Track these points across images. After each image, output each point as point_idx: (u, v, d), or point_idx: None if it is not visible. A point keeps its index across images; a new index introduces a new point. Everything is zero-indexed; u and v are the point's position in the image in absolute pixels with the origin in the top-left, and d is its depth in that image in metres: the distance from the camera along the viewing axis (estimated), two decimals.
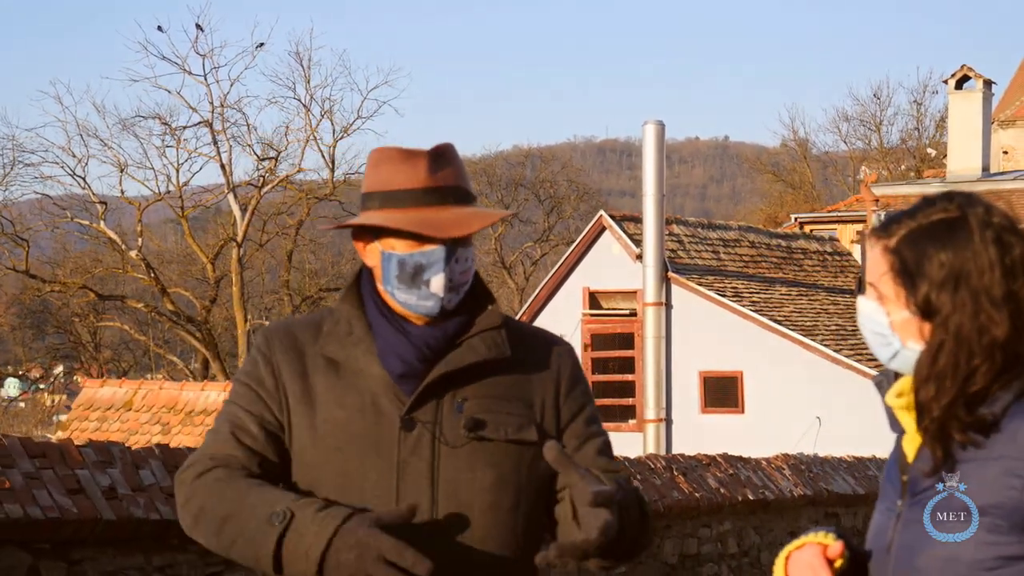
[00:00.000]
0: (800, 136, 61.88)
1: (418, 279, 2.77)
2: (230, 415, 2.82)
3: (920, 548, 2.37)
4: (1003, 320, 2.31)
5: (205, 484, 2.74)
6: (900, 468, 2.47)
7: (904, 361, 2.40)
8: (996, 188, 33.95)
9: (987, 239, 2.34)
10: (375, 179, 2.85)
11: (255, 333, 2.99)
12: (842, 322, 22.32)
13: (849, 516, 10.94)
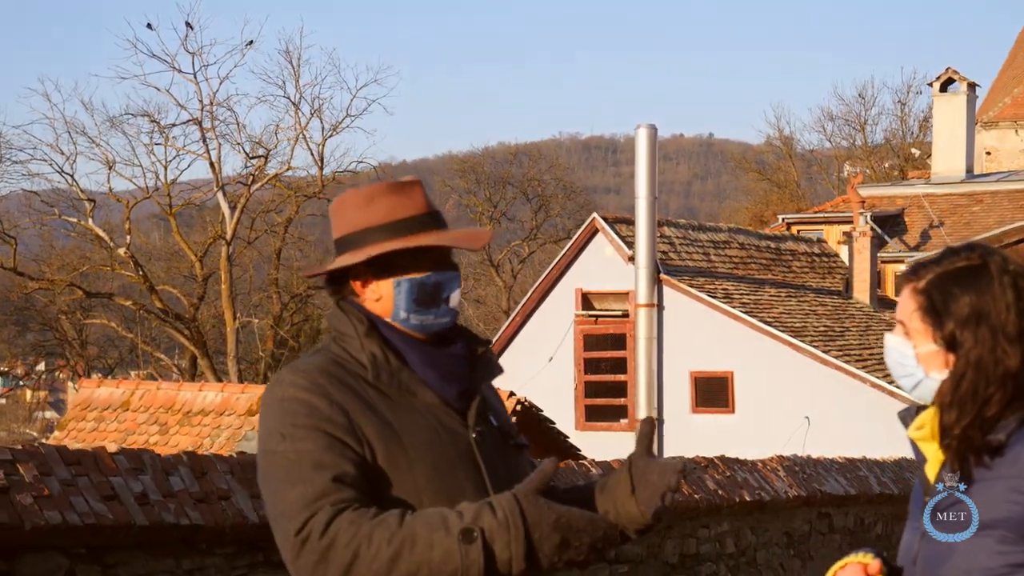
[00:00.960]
0: (785, 134, 62.08)
1: (437, 297, 2.96)
2: (314, 462, 2.77)
3: (942, 560, 2.71)
4: (1016, 354, 2.68)
5: (342, 531, 2.71)
6: (924, 491, 2.82)
7: (925, 390, 2.77)
8: (979, 190, 34.18)
9: (1005, 284, 2.73)
10: (372, 214, 2.97)
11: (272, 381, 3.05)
12: (830, 323, 22.55)
13: (841, 516, 11.16)
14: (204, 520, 5.61)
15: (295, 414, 2.83)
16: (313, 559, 2.71)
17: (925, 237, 31.52)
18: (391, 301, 2.96)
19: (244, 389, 17.48)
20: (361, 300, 3.00)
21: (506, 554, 2.67)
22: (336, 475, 2.75)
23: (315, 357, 2.97)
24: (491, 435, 3.00)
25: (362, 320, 2.96)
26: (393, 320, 2.97)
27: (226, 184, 41.30)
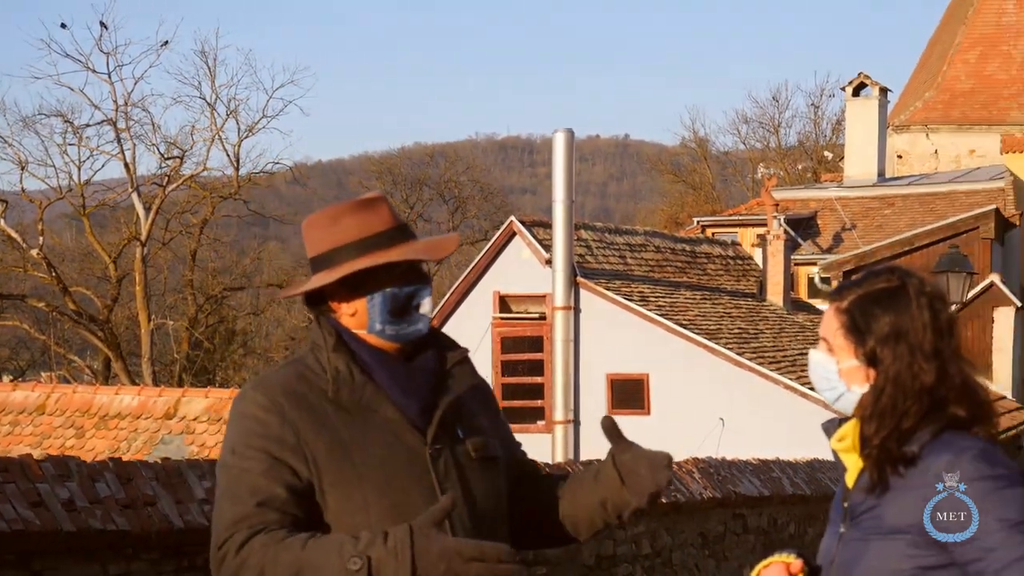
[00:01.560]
0: (700, 137, 62.66)
1: (409, 307, 3.11)
2: (250, 485, 2.95)
3: (856, 562, 2.94)
4: (932, 370, 2.92)
5: (253, 552, 2.88)
6: (843, 498, 3.04)
7: (847, 402, 3.02)
8: (891, 193, 34.71)
9: (922, 305, 2.96)
10: (340, 233, 3.13)
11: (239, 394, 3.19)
12: (745, 325, 22.81)
13: (755, 517, 11.35)
14: (130, 526, 5.68)
15: (248, 433, 3.01)
16: (228, 574, 2.91)
17: (838, 240, 31.96)
18: (366, 315, 3.10)
19: (161, 392, 17.44)
20: (338, 316, 3.15)
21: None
22: (263, 500, 2.93)
23: (284, 371, 3.13)
24: (454, 450, 3.11)
25: (331, 334, 3.10)
26: (369, 332, 3.11)
27: (141, 185, 41.04)
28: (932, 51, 48.09)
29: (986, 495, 2.82)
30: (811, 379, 3.16)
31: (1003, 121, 41.52)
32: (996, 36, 43.81)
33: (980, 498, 2.82)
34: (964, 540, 2.82)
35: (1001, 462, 2.88)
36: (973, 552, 2.82)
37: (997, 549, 2.79)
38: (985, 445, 2.90)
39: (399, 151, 77.21)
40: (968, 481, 2.83)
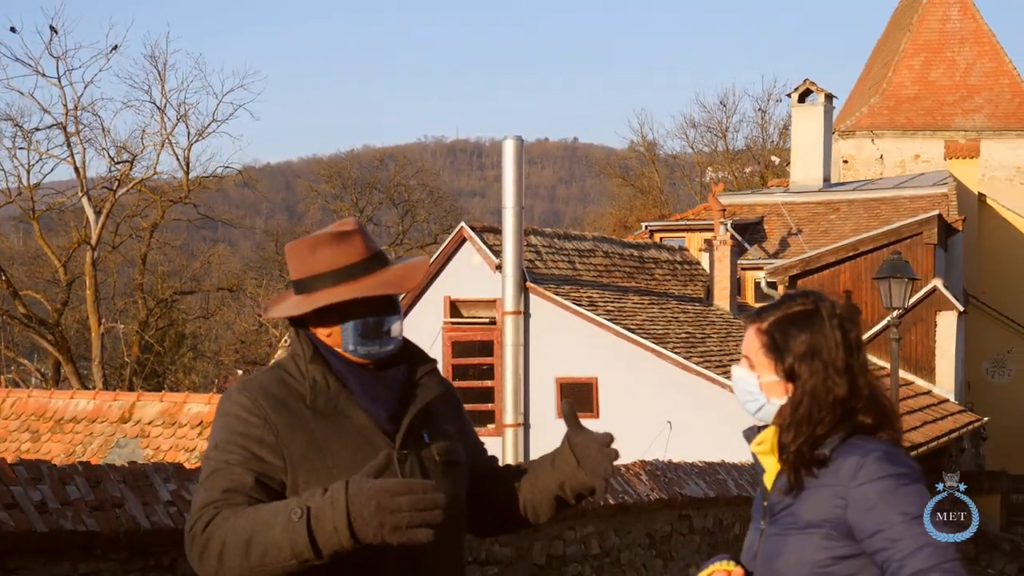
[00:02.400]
0: (649, 140, 62.96)
1: (379, 331, 3.40)
2: (225, 475, 3.26)
3: (776, 555, 3.30)
4: (843, 384, 3.29)
5: (216, 526, 3.16)
6: (763, 497, 3.43)
7: (767, 413, 3.39)
8: (836, 198, 35.11)
9: (834, 326, 3.33)
10: (316, 262, 3.42)
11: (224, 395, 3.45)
12: (692, 330, 23.07)
13: (700, 517, 11.62)
14: (99, 527, 5.88)
15: (231, 430, 3.32)
16: (198, 551, 3.20)
17: (784, 245, 32.32)
18: (339, 336, 3.41)
19: (116, 396, 17.55)
20: (315, 334, 3.45)
21: (330, 526, 3.03)
22: (232, 487, 3.24)
23: (266, 375, 3.43)
24: (420, 454, 3.42)
25: (309, 347, 3.41)
26: (343, 351, 3.41)
27: (91, 189, 40.97)
28: (877, 57, 48.59)
29: (889, 492, 3.18)
30: (734, 392, 3.52)
31: (947, 127, 42.02)
32: (940, 43, 44.34)
33: (884, 494, 3.17)
34: (871, 532, 3.17)
35: (903, 462, 3.26)
36: (880, 543, 3.17)
37: (901, 540, 3.14)
38: (888, 447, 3.28)
39: (348, 154, 77.19)
40: (873, 480, 3.18)
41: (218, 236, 73.36)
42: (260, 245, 66.71)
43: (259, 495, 3.25)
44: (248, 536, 3.12)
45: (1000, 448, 32.77)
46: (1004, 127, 42.10)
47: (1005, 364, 34.71)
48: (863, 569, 3.22)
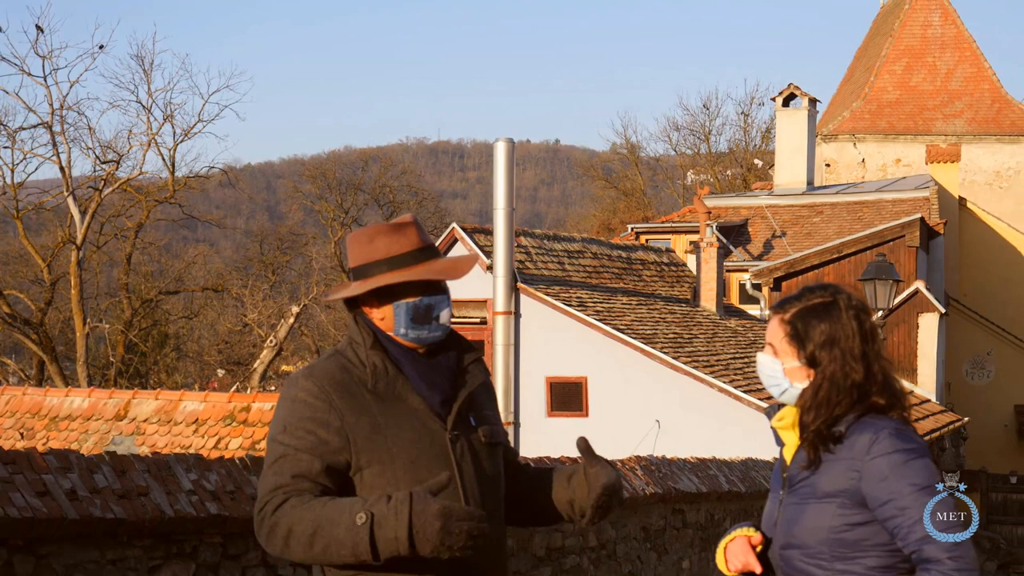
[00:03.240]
0: (632, 143, 63.16)
1: (429, 316, 3.70)
2: (293, 460, 3.55)
3: (795, 522, 3.66)
4: (860, 369, 3.65)
5: (284, 512, 3.46)
6: (783, 469, 3.78)
7: (789, 395, 3.73)
8: (820, 201, 35.42)
9: (850, 316, 3.70)
10: (374, 251, 3.72)
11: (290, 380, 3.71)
12: (679, 330, 23.32)
13: (693, 512, 11.85)
14: (126, 515, 6.07)
15: (299, 415, 3.60)
16: (266, 531, 3.51)
17: (768, 247, 32.61)
18: (392, 320, 3.70)
19: (112, 394, 17.68)
20: (370, 318, 3.73)
21: (391, 534, 3.36)
22: (301, 472, 3.53)
23: (328, 362, 3.70)
24: (467, 435, 3.71)
25: (369, 334, 3.70)
26: (395, 335, 3.70)
27: (76, 188, 41.04)
28: (859, 62, 48.93)
29: (900, 465, 3.54)
30: (760, 376, 3.85)
31: (928, 131, 42.38)
32: (922, 48, 44.69)
33: (895, 467, 3.54)
34: (883, 501, 3.54)
35: (911, 438, 3.62)
36: (890, 511, 3.53)
37: (910, 508, 3.51)
38: (899, 425, 3.64)
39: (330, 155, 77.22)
40: (885, 454, 3.55)
41: (198, 236, 73.35)
42: (240, 245, 66.79)
43: (325, 481, 3.54)
44: (314, 529, 3.42)
45: (979, 448, 33.16)
46: (984, 132, 42.47)
47: (984, 365, 35.08)
48: (874, 535, 3.57)
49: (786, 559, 3.70)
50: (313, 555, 3.45)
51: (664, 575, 11.20)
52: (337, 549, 3.41)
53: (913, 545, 3.52)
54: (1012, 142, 42.36)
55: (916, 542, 3.51)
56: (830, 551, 3.60)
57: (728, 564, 3.84)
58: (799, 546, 3.66)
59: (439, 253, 3.81)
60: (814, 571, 3.63)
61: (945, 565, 3.48)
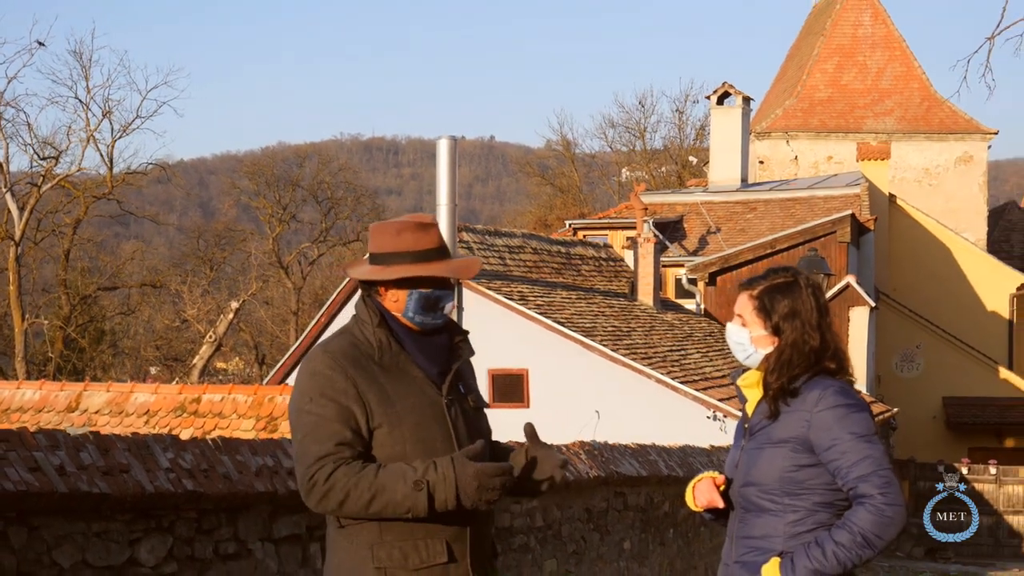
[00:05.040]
0: (568, 140, 63.48)
1: (436, 306, 4.31)
2: (329, 429, 4.11)
3: (754, 464, 4.35)
4: (817, 337, 4.37)
5: (339, 479, 4.05)
6: (744, 421, 4.47)
7: (754, 360, 4.45)
8: (753, 198, 35.95)
9: (809, 293, 4.41)
10: (401, 243, 4.28)
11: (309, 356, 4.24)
12: (618, 324, 23.78)
13: (634, 495, 12.28)
14: (111, 489, 6.46)
15: (321, 386, 4.16)
16: (318, 497, 4.09)
17: (703, 243, 33.12)
18: (404, 304, 4.28)
19: (63, 387, 17.92)
20: (381, 299, 4.32)
21: (442, 496, 4.02)
22: (341, 441, 4.12)
23: (340, 339, 4.28)
24: (459, 401, 4.32)
25: (376, 313, 4.28)
26: (403, 317, 4.29)
27: (14, 184, 41.01)
28: (792, 61, 49.61)
29: (842, 417, 4.23)
30: (729, 344, 4.53)
31: (859, 129, 43.09)
32: (852, 47, 45.42)
33: (838, 419, 4.22)
34: (827, 447, 4.22)
35: (853, 396, 4.32)
36: (833, 455, 4.22)
37: (849, 452, 4.20)
38: (843, 385, 4.35)
39: (264, 151, 77.10)
40: (830, 407, 4.23)
41: (131, 233, 73.03)
42: (173, 242, 66.61)
43: (358, 445, 4.12)
44: (372, 495, 4.03)
45: (908, 438, 33.87)
46: (913, 130, 43.25)
47: (913, 358, 35.83)
48: (818, 475, 4.26)
49: (744, 495, 4.38)
50: (368, 513, 4.06)
51: (606, 555, 11.63)
52: (394, 509, 4.03)
53: (851, 483, 4.19)
54: (940, 140, 43.17)
55: (853, 480, 4.18)
56: (781, 488, 4.28)
57: (696, 500, 4.53)
58: (756, 484, 4.33)
59: (450, 253, 4.39)
60: (768, 505, 4.32)
61: (876, 500, 4.15)
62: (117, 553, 6.54)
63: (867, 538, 4.16)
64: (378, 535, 4.15)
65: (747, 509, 4.39)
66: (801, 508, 4.28)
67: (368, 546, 4.17)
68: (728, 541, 4.52)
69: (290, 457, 7.49)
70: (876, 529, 4.15)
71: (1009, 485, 29.65)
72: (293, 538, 7.43)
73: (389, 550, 4.15)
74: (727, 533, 4.54)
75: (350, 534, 4.20)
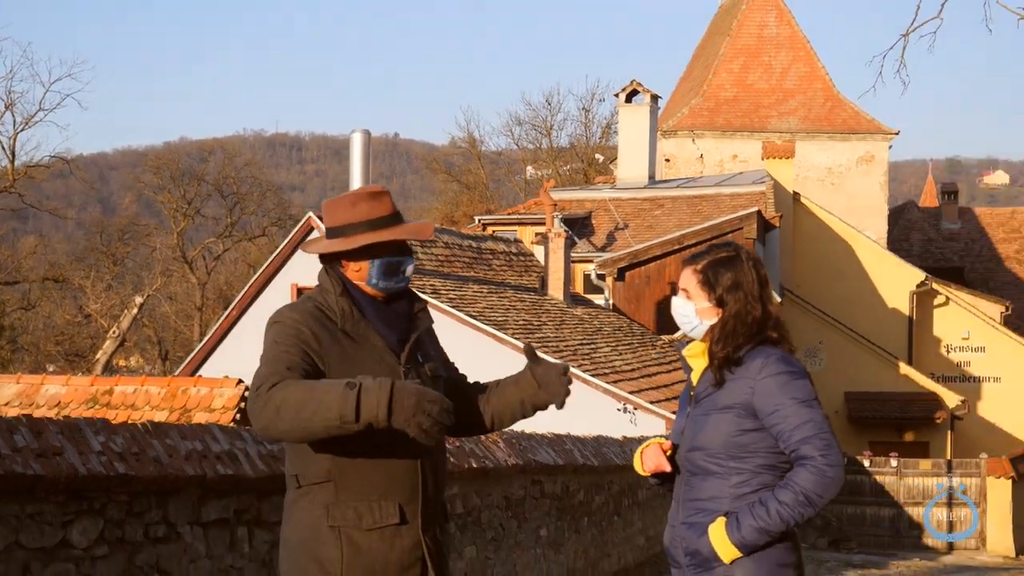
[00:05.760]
0: (475, 137, 63.58)
1: (397, 270, 4.43)
2: (285, 360, 4.19)
3: (700, 430, 4.51)
4: (759, 308, 4.54)
5: (279, 389, 4.08)
6: (690, 390, 4.63)
7: (698, 331, 4.61)
8: (661, 195, 36.30)
9: (750, 267, 4.58)
10: (357, 213, 4.43)
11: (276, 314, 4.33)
12: (529, 317, 23.96)
13: (551, 483, 12.47)
14: (44, 471, 6.49)
15: (288, 332, 4.29)
16: (260, 405, 4.13)
17: (611, 239, 33.40)
18: (366, 272, 4.41)
19: None
20: (344, 270, 4.45)
21: (374, 400, 4.00)
22: (291, 366, 4.19)
23: (306, 303, 4.41)
24: (417, 369, 4.44)
25: (339, 283, 4.41)
26: (367, 285, 4.42)
27: None
28: (698, 60, 50.13)
29: (784, 383, 4.42)
30: (674, 316, 4.70)
31: (764, 128, 43.68)
32: (758, 48, 46.01)
33: (781, 385, 4.41)
34: (770, 412, 4.40)
35: (794, 363, 4.49)
36: (776, 419, 4.40)
37: (791, 416, 4.38)
38: (784, 353, 4.52)
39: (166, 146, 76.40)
40: (773, 375, 4.41)
41: (28, 228, 72.09)
42: (72, 237, 65.82)
43: (313, 376, 4.20)
44: (305, 396, 4.04)
45: None
46: (817, 129, 43.92)
47: (817, 354, 36.37)
48: (761, 439, 4.44)
49: (691, 460, 4.55)
50: (301, 419, 4.02)
51: (524, 542, 11.79)
52: (324, 412, 3.99)
53: (793, 446, 4.38)
54: (843, 140, 43.88)
55: (795, 443, 4.37)
56: (726, 452, 4.45)
57: (644, 465, 4.66)
58: (702, 448, 4.50)
59: (403, 220, 4.52)
60: (714, 468, 4.48)
61: (817, 461, 4.34)
62: (50, 535, 6.57)
63: (809, 497, 4.35)
64: (334, 496, 4.27)
65: (693, 473, 4.55)
66: (745, 470, 4.45)
67: (324, 506, 4.29)
68: (675, 504, 4.67)
69: (218, 442, 7.57)
70: (818, 489, 4.35)
71: (909, 477, 30.22)
72: (221, 522, 7.49)
73: (344, 510, 4.27)
74: (673, 496, 4.70)
75: (307, 494, 4.32)
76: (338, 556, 4.26)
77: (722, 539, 4.42)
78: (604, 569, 14.33)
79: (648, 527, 16.43)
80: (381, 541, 4.29)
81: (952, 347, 39.71)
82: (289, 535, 4.39)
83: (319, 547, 4.28)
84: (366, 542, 4.28)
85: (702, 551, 4.48)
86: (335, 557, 4.26)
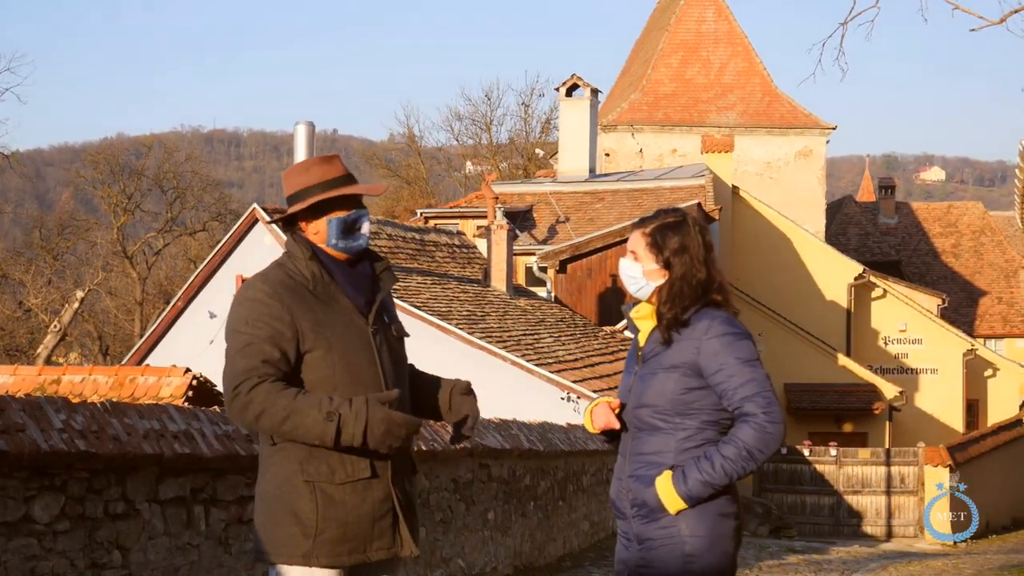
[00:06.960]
0: (415, 133, 63.61)
1: (355, 227, 4.61)
2: (258, 348, 4.40)
3: (647, 388, 4.71)
4: (704, 271, 4.74)
5: (260, 394, 4.35)
6: (636, 350, 4.81)
7: (645, 292, 4.79)
8: (601, 188, 36.56)
9: (696, 231, 4.78)
10: (310, 177, 4.62)
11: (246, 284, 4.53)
12: (472, 308, 24.15)
13: (497, 467, 12.66)
14: (8, 447, 6.62)
15: (258, 311, 4.46)
16: (239, 407, 4.41)
17: (553, 232, 33.63)
18: (325, 233, 4.59)
19: None
20: (305, 234, 4.61)
21: (350, 431, 4.34)
22: (267, 359, 4.40)
23: (276, 271, 4.58)
24: (383, 330, 4.66)
25: (307, 248, 4.58)
26: (327, 246, 4.59)
27: None
28: (637, 55, 50.47)
29: (729, 344, 4.64)
30: (622, 278, 4.88)
31: (703, 123, 44.04)
32: (696, 43, 46.38)
33: (725, 345, 4.63)
34: (714, 371, 4.62)
35: (738, 325, 4.72)
36: (720, 378, 4.63)
37: (735, 375, 4.62)
38: (728, 316, 4.74)
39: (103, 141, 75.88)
40: (718, 336, 4.63)
41: None
42: (7, 232, 65.32)
43: (283, 367, 4.42)
44: (287, 414, 4.35)
45: None
46: (755, 124, 44.34)
47: (756, 345, 36.72)
48: (706, 397, 4.66)
49: (638, 416, 4.75)
50: (281, 431, 4.39)
51: (472, 525, 11.98)
52: (304, 433, 4.36)
53: (736, 403, 4.60)
54: (781, 135, 44.32)
55: (739, 400, 4.60)
56: (673, 409, 4.66)
57: (594, 423, 4.85)
58: (649, 405, 4.70)
59: (356, 180, 4.71)
60: (660, 424, 4.69)
61: (759, 418, 4.58)
62: (14, 509, 6.69)
63: (751, 452, 4.58)
64: (308, 451, 4.47)
65: (640, 428, 4.75)
66: (691, 427, 4.66)
67: (298, 461, 4.49)
68: (621, 458, 4.87)
69: (175, 421, 7.71)
70: (759, 444, 4.58)
71: (848, 466, 30.68)
72: (178, 500, 7.62)
73: (318, 464, 4.48)
74: (619, 451, 4.90)
75: (282, 450, 4.52)
76: (312, 508, 4.47)
77: (669, 491, 4.63)
78: (550, 553, 14.54)
79: (592, 513, 16.67)
80: (354, 494, 4.50)
81: (890, 339, 40.27)
82: (265, 488, 4.58)
83: (295, 500, 4.49)
84: (339, 495, 4.49)
85: (649, 502, 4.68)
86: (310, 509, 4.47)
